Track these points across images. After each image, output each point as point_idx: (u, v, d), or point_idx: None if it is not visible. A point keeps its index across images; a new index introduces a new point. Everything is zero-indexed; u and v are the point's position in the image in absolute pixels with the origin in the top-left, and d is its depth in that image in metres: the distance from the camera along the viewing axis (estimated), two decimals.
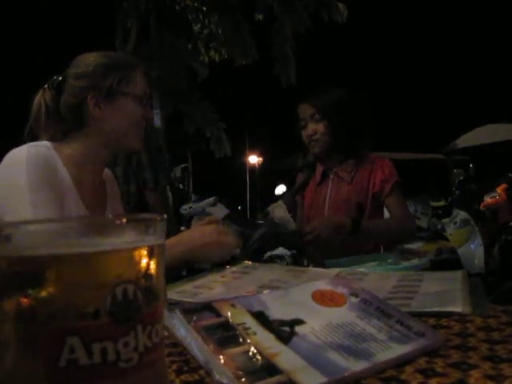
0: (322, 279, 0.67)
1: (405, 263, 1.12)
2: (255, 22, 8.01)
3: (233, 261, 1.30)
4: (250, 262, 1.26)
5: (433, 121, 14.20)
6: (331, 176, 1.80)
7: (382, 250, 1.67)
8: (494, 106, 13.04)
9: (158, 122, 8.35)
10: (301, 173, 1.90)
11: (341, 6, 6.77)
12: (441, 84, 14.76)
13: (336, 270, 1.13)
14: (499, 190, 5.42)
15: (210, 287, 1.01)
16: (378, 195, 1.72)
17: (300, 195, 1.87)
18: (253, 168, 25.46)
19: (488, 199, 5.30)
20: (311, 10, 6.90)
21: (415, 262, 1.11)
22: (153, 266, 0.33)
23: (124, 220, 0.32)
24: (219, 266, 1.26)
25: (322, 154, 1.76)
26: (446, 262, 4.17)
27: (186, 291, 0.98)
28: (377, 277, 1.03)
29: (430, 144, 9.89)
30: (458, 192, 5.69)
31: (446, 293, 0.79)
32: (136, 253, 0.32)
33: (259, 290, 0.95)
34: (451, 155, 7.88)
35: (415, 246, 3.96)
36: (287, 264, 1.32)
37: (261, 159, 25.34)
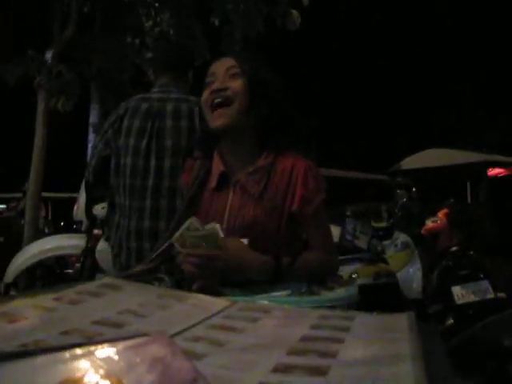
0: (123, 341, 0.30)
1: (327, 294, 0.77)
2: (208, 23, 7.71)
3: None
4: (113, 279, 0.88)
5: (379, 141, 14.34)
6: (233, 182, 1.28)
7: None
8: (439, 130, 13.30)
9: (95, 117, 7.82)
10: (191, 159, 1.38)
11: (295, 13, 6.54)
12: (388, 105, 14.94)
13: (229, 300, 0.77)
14: (440, 214, 5.32)
15: (17, 317, 0.62)
16: (297, 217, 1.25)
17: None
18: None
19: (429, 223, 5.18)
20: (264, 14, 6.63)
21: (341, 292, 0.78)
22: None
23: None
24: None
25: (228, 126, 1.23)
26: (384, 285, 3.97)
27: None
28: (282, 316, 0.67)
29: (375, 164, 9.86)
30: (400, 213, 5.55)
31: (383, 366, 0.44)
32: None
33: (91, 328, 0.59)
34: (395, 176, 7.82)
35: (354, 267, 3.74)
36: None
37: None
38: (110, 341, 0.32)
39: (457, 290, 3.23)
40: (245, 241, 1.15)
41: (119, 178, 2.07)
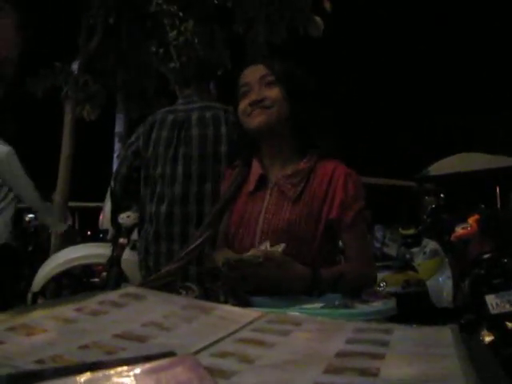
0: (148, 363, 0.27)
1: (363, 307, 0.73)
2: (230, 31, 7.75)
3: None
4: (136, 288, 0.85)
5: (406, 147, 14.15)
6: (270, 186, 1.25)
7: None
8: (467, 134, 13.06)
9: (120, 127, 7.92)
10: (231, 169, 1.40)
11: (318, 19, 6.49)
12: (415, 110, 14.76)
13: (259, 312, 0.73)
14: (471, 221, 5.18)
15: (36, 329, 0.60)
16: (335, 224, 1.20)
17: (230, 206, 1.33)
18: None
19: (459, 230, 5.04)
20: (287, 20, 6.61)
21: (377, 306, 0.73)
22: None
23: None
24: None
25: (267, 127, 1.21)
26: (414, 294, 3.86)
27: None
28: (315, 329, 0.63)
29: (402, 170, 9.71)
30: (429, 220, 5.41)
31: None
32: None
33: (112, 342, 0.56)
34: (423, 182, 7.66)
35: (382, 275, 3.66)
36: (196, 298, 0.92)
37: None
38: (131, 361, 0.28)
39: (491, 299, 3.11)
40: (282, 246, 1.10)
41: (147, 188, 2.12)
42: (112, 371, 0.25)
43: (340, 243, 1.25)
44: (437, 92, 14.70)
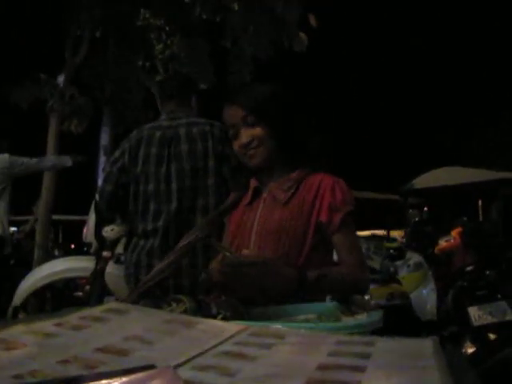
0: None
1: (347, 320, 0.73)
2: (218, 45, 7.79)
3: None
4: (119, 304, 0.84)
5: (389, 161, 14.31)
6: (264, 195, 1.35)
7: None
8: (449, 148, 13.27)
9: (105, 140, 7.87)
10: (233, 192, 1.48)
11: (302, 35, 6.59)
12: (397, 124, 14.99)
13: (242, 325, 0.73)
14: (454, 233, 5.24)
15: (15, 344, 0.59)
16: (324, 227, 1.24)
17: (227, 217, 1.42)
18: None
19: (443, 243, 5.09)
20: (272, 36, 6.69)
21: (362, 318, 0.73)
22: None
23: None
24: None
25: (263, 164, 1.32)
26: (398, 307, 3.87)
27: None
28: (297, 342, 0.63)
29: (387, 184, 9.82)
30: (412, 233, 5.46)
31: None
32: None
33: (93, 356, 0.55)
34: (407, 196, 7.73)
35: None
36: (185, 310, 0.90)
37: None
38: (111, 375, 0.28)
39: (474, 311, 3.12)
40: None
41: (138, 204, 2.14)
42: None
43: (335, 257, 1.28)
44: (421, 108, 14.96)
